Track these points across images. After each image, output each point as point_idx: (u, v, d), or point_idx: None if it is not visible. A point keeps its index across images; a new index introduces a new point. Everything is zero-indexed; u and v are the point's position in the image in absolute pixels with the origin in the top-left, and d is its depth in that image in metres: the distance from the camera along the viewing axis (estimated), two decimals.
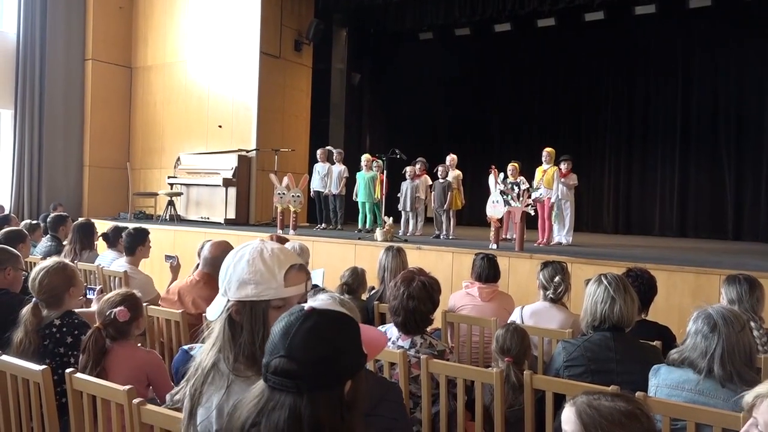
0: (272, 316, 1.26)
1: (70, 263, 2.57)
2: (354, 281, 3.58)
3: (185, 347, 1.64)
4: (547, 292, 3.05)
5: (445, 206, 7.28)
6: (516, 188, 5.90)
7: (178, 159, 9.33)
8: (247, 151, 8.88)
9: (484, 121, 12.35)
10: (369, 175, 7.97)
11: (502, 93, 11.97)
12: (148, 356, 2.28)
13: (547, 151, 6.95)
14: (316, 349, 1.03)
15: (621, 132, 11.16)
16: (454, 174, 7.53)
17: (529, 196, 5.96)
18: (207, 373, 1.27)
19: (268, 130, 9.13)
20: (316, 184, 8.34)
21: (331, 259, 6.02)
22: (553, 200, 6.82)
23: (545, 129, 11.00)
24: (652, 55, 10.47)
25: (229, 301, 1.27)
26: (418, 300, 2.30)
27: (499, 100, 12.05)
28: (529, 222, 6.98)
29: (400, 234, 7.41)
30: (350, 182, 8.38)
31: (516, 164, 7.29)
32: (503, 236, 7.21)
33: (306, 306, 1.08)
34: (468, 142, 12.35)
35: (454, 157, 7.65)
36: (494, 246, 5.84)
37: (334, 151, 8.48)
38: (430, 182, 7.78)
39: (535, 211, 6.19)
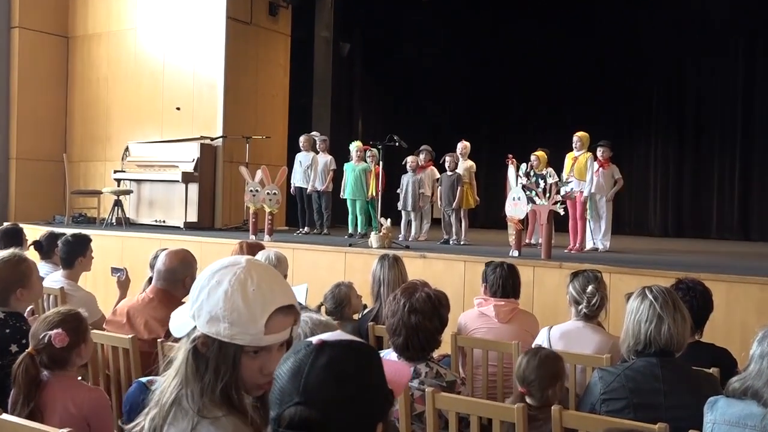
0: (245, 361, 1.28)
1: (32, 260, 2.59)
2: (337, 300, 3.62)
3: (143, 380, 1.63)
4: (580, 308, 3.07)
5: (455, 205, 7.30)
6: (541, 182, 5.90)
7: (127, 149, 9.36)
8: (212, 139, 8.98)
9: (503, 100, 12.38)
10: (361, 167, 7.97)
11: (526, 67, 11.95)
12: (92, 396, 2.25)
13: (579, 136, 6.97)
14: (339, 389, 1.02)
15: (671, 117, 11.23)
16: (466, 165, 7.51)
17: (558, 192, 5.97)
18: (168, 410, 1.28)
19: (237, 113, 9.21)
20: (297, 179, 8.38)
21: (316, 271, 6.06)
22: (586, 194, 6.83)
23: (578, 111, 11.01)
24: (710, 31, 10.48)
25: (196, 328, 1.28)
26: (422, 314, 2.32)
27: (522, 75, 12.04)
28: (559, 223, 7.08)
29: (400, 239, 7.37)
30: (338, 176, 8.41)
31: (542, 153, 7.36)
32: (526, 241, 7.17)
33: (314, 339, 1.08)
34: (483, 127, 12.37)
35: (467, 144, 7.65)
36: (515, 253, 5.86)
37: (318, 138, 8.49)
38: (437, 175, 7.81)
39: (566, 209, 6.19)
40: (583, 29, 11.14)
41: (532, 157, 7.23)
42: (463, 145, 7.62)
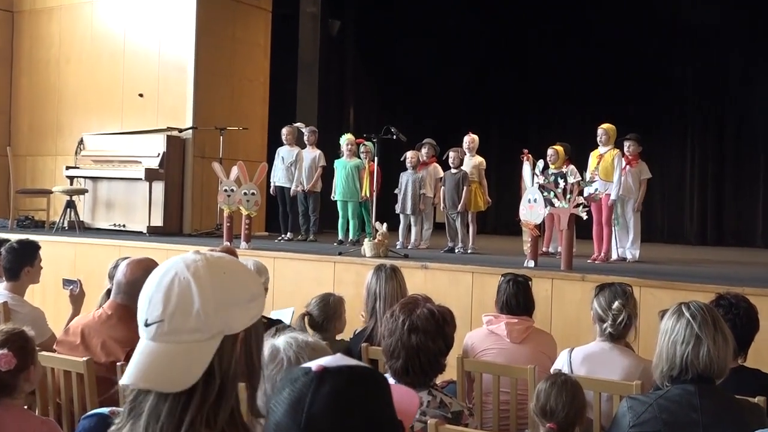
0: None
1: None
2: (325, 311, 3.62)
3: (104, 410, 1.59)
4: (605, 326, 3.10)
5: (461, 207, 7.31)
6: (561, 181, 5.90)
7: (81, 141, 9.37)
8: (180, 131, 8.97)
9: (517, 87, 12.36)
10: (353, 163, 8.00)
11: (545, 49, 11.96)
12: (44, 428, 2.23)
13: (605, 128, 6.97)
14: (347, 422, 1.03)
15: (711, 108, 11.23)
16: (475, 162, 7.52)
17: (581, 193, 5.98)
18: None
19: (210, 101, 9.20)
20: (279, 177, 8.39)
21: (302, 284, 6.10)
22: (613, 197, 6.83)
23: (603, 101, 11.01)
24: (762, 16, 10.50)
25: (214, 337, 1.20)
26: (424, 334, 2.33)
27: (540, 59, 12.04)
28: (581, 229, 7.04)
29: (397, 247, 7.46)
30: (328, 174, 8.42)
31: (560, 147, 7.35)
32: (543, 249, 7.21)
33: (313, 366, 1.09)
34: (494, 118, 12.39)
35: (475, 137, 7.66)
36: (531, 263, 5.88)
37: (304, 130, 8.51)
38: (441, 173, 7.81)
39: (589, 213, 6.17)
40: (612, 4, 11.13)
41: (550, 152, 7.25)
42: (470, 139, 7.59)
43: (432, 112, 12.07)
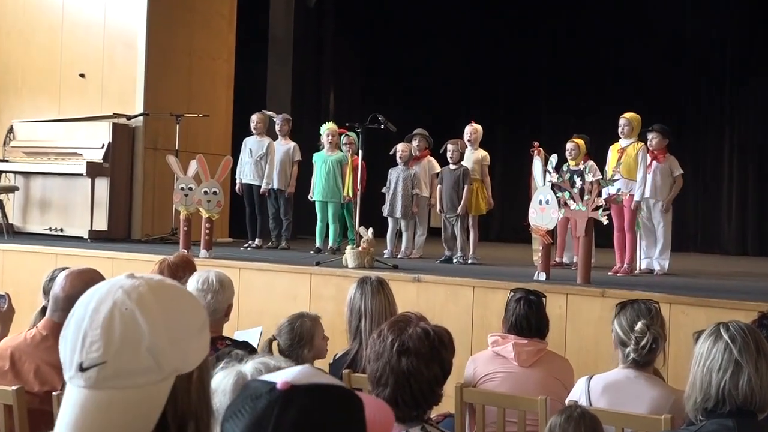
0: None
1: None
2: (295, 334, 3.61)
3: None
4: (627, 350, 3.10)
5: (461, 210, 7.32)
6: (578, 180, 5.89)
7: (11, 130, 9.33)
8: (129, 118, 8.92)
9: (526, 70, 12.28)
10: (335, 157, 8.06)
11: (558, 23, 11.84)
12: None
13: (628, 118, 6.99)
14: None
15: (754, 95, 11.11)
16: (477, 156, 7.55)
17: (600, 193, 5.95)
18: None
19: (164, 83, 9.16)
20: (246, 173, 8.44)
21: (273, 300, 6.13)
22: (637, 198, 6.82)
23: (625, 86, 10.95)
24: None
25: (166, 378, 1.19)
26: (417, 357, 2.33)
27: (552, 36, 11.98)
28: (601, 235, 7.12)
29: (385, 256, 7.53)
30: (304, 170, 8.48)
31: (580, 140, 7.39)
32: (556, 260, 7.24)
33: (278, 381, 1.08)
34: (499, 106, 12.30)
35: (478, 128, 7.66)
36: (542, 276, 5.91)
37: (276, 118, 8.58)
38: (437, 169, 7.88)
39: (610, 218, 6.14)
40: None
41: (568, 146, 7.26)
42: (472, 129, 7.59)
43: (427, 98, 12.03)
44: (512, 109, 12.46)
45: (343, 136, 8.11)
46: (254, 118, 8.53)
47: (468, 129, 7.62)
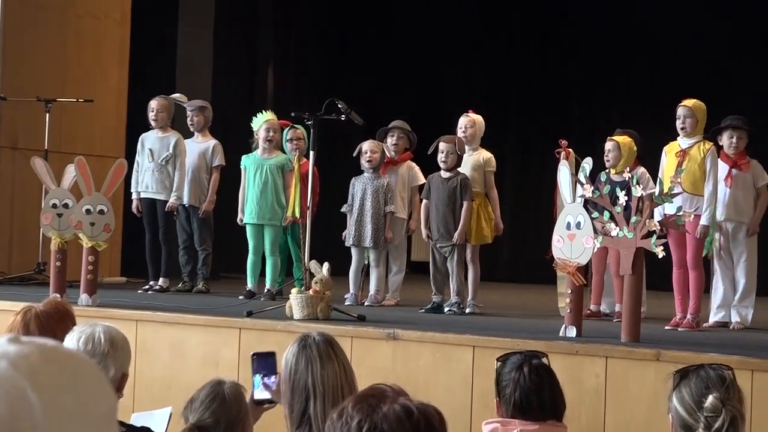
0: None
1: None
2: (220, 417, 3.58)
3: None
4: None
5: (457, 237, 7.34)
6: (622, 194, 6.00)
7: None
8: None
9: (547, 38, 12.44)
10: (273, 161, 8.12)
11: None
12: None
13: (690, 107, 6.91)
14: None
15: None
16: (478, 160, 7.59)
17: (653, 214, 6.11)
18: None
19: (27, 54, 9.16)
20: (146, 184, 8.47)
21: (185, 368, 6.21)
22: (705, 221, 6.75)
23: (680, 63, 11.07)
24: None
25: None
26: None
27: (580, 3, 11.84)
28: (655, 273, 7.22)
29: (347, 302, 7.64)
30: (230, 180, 8.53)
31: (626, 138, 7.31)
32: (591, 308, 7.42)
33: None
34: (511, 91, 12.45)
35: (476, 119, 7.63)
36: (572, 332, 5.93)
37: (188, 105, 8.66)
38: (422, 179, 7.92)
39: (668, 248, 6.17)
40: None
41: (608, 146, 7.11)
42: (468, 121, 7.57)
43: (409, 78, 12.23)
44: (528, 94, 12.39)
45: (286, 131, 8.06)
46: (154, 104, 8.33)
47: (463, 121, 7.51)
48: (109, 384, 1.27)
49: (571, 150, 6.76)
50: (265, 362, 4.26)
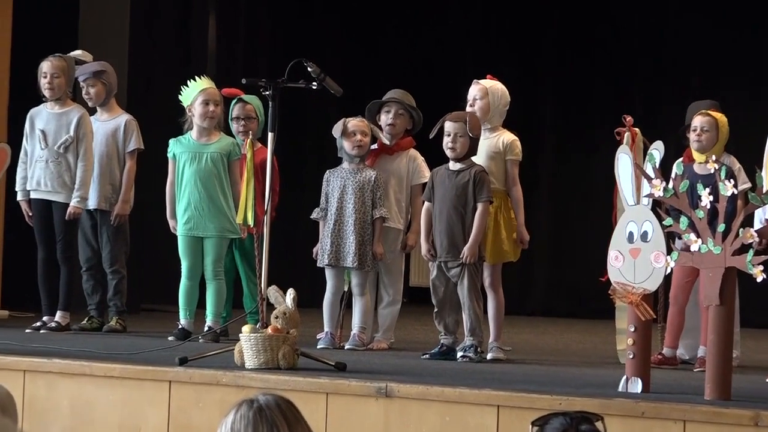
0: None
1: None
2: None
3: None
4: None
5: (468, 255, 6.53)
6: (705, 193, 5.50)
7: None
8: None
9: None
10: (214, 147, 7.36)
11: None
12: None
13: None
14: None
15: None
16: (495, 144, 6.80)
17: (750, 217, 5.81)
18: None
19: None
20: (37, 179, 7.64)
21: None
22: None
23: None
24: None
25: None
26: None
27: None
28: (753, 304, 7.01)
29: (320, 345, 7.02)
30: (155, 171, 7.72)
31: (716, 114, 6.83)
32: (664, 352, 6.89)
33: None
34: (543, 49, 11.12)
35: (491, 87, 6.88)
36: (637, 386, 5.46)
37: (79, 74, 7.76)
38: (426, 174, 7.14)
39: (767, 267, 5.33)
40: None
41: (700, 122, 6.62)
42: (479, 90, 6.78)
43: (405, 36, 11.42)
44: (571, 60, 11.16)
45: (232, 105, 7.28)
46: (46, 67, 7.38)
47: (472, 90, 6.76)
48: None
49: (637, 130, 6.19)
50: None
